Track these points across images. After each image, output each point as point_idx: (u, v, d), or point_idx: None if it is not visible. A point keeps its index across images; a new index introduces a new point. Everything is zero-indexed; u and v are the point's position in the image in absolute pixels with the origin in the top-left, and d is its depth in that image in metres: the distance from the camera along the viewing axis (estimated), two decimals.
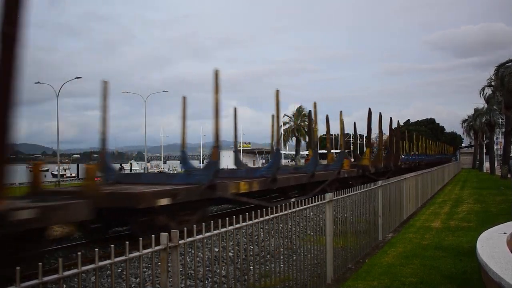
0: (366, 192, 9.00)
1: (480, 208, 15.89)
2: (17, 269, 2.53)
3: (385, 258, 8.18)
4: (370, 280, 6.78)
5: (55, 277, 2.67)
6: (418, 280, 6.74)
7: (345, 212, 7.62)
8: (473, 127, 57.70)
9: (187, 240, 3.70)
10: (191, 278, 6.47)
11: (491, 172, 44.60)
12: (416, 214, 14.16)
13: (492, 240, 6.19)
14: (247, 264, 5.24)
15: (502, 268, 4.61)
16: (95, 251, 2.96)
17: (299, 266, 5.82)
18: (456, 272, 7.12)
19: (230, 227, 4.38)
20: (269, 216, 5.12)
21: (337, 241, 7.12)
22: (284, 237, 5.65)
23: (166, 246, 3.44)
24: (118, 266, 7.54)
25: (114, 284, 3.38)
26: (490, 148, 50.22)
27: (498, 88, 33.47)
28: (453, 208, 15.96)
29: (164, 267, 3.44)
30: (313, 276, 6.25)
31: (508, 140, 35.79)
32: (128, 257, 3.19)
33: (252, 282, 4.98)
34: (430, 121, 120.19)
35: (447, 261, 7.83)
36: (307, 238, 6.28)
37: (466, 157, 69.88)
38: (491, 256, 5.15)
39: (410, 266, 7.53)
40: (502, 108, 35.75)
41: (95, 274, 3.00)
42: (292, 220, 5.81)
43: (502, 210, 14.89)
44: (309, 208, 6.21)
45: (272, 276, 5.21)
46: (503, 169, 35.03)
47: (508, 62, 31.86)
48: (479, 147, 59.12)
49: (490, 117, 47.24)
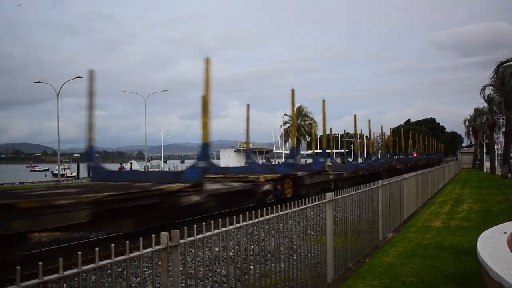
0: (367, 192, 8.99)
1: (480, 207, 15.88)
2: (17, 268, 2.53)
3: (386, 258, 8.18)
4: (370, 279, 6.78)
5: (56, 276, 2.67)
6: (418, 279, 6.73)
7: (346, 212, 7.61)
8: (473, 127, 57.69)
9: (187, 239, 3.70)
10: (192, 277, 6.48)
11: (491, 172, 44.57)
12: (416, 214, 14.16)
13: (493, 239, 6.19)
14: (248, 264, 5.23)
15: (502, 267, 4.61)
16: (95, 250, 2.96)
17: (299, 266, 5.82)
18: (456, 272, 7.12)
19: (230, 227, 4.37)
20: (270, 215, 5.12)
21: (338, 240, 7.12)
22: (284, 236, 5.65)
23: (167, 245, 3.43)
24: (118, 266, 7.54)
25: (115, 284, 3.37)
26: (491, 147, 50.16)
27: (498, 88, 33.37)
28: (453, 207, 15.95)
29: (165, 266, 3.43)
30: (314, 275, 6.25)
31: (509, 139, 35.75)
32: (129, 256, 3.18)
33: (252, 282, 4.98)
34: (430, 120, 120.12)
35: (447, 261, 7.83)
36: (308, 237, 6.28)
37: (467, 156, 69.83)
38: (491, 256, 5.15)
39: (410, 266, 7.53)
40: (503, 107, 35.67)
41: (96, 273, 2.99)
42: (293, 220, 5.81)
43: (502, 209, 14.88)
44: (310, 207, 6.20)
45: (273, 276, 5.21)
46: (504, 169, 35.00)
47: (508, 61, 31.71)
48: (480, 147, 59.08)
49: (491, 117, 47.20)
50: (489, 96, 40.27)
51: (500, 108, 39.54)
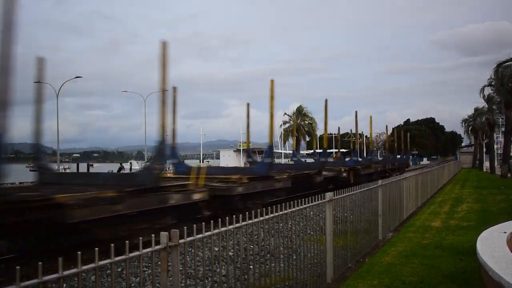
0: (366, 192, 9.00)
1: (480, 207, 15.88)
2: (17, 268, 2.53)
3: (385, 258, 8.18)
4: (370, 279, 6.78)
5: (55, 276, 2.67)
6: (418, 279, 6.73)
7: (345, 212, 7.62)
8: (473, 127, 57.68)
9: (187, 239, 3.70)
10: (191, 277, 6.47)
11: (491, 172, 44.58)
12: (416, 214, 14.16)
13: (492, 239, 6.19)
14: (247, 264, 5.23)
15: (502, 267, 4.61)
16: (95, 250, 2.96)
17: (299, 266, 5.82)
18: (456, 272, 7.12)
19: (230, 226, 4.37)
20: (269, 215, 5.12)
21: (337, 240, 7.12)
22: (284, 236, 5.65)
23: (166, 245, 3.44)
24: (118, 266, 7.53)
25: (114, 284, 3.37)
26: (490, 147, 50.17)
27: (498, 88, 33.33)
28: (453, 207, 15.95)
29: (164, 266, 3.43)
30: (313, 275, 6.25)
31: (508, 139, 35.75)
32: (128, 256, 3.18)
33: (252, 282, 4.98)
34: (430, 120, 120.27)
35: (447, 261, 7.83)
36: (307, 237, 6.28)
37: (466, 156, 69.87)
38: (491, 256, 5.15)
39: (410, 266, 7.53)
40: (502, 107, 35.68)
41: (95, 273, 2.99)
42: (292, 220, 5.81)
43: (502, 209, 14.89)
44: (309, 207, 6.21)
45: (272, 276, 5.21)
46: (503, 169, 35.01)
47: (507, 61, 31.69)
48: (479, 147, 59.08)
49: (490, 117, 47.21)
50: (488, 96, 40.29)
51: (499, 107, 39.56)
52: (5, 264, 7.93)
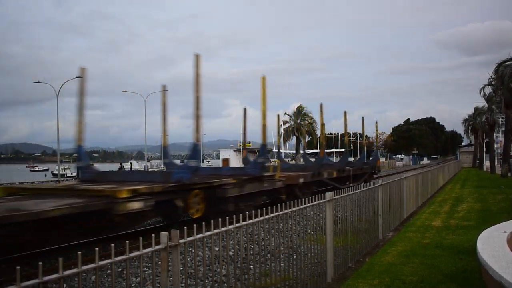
0: (367, 191, 9.00)
1: (480, 207, 15.88)
2: (17, 268, 2.53)
3: (386, 257, 8.18)
4: (370, 279, 6.78)
5: (55, 276, 2.67)
6: (418, 279, 6.73)
7: (346, 211, 7.61)
8: (473, 126, 57.67)
9: (187, 239, 3.70)
10: (192, 277, 6.48)
11: (491, 171, 44.58)
12: (416, 213, 14.16)
13: (493, 239, 6.18)
14: (247, 263, 5.23)
15: (502, 267, 4.61)
16: (95, 250, 2.96)
17: (299, 265, 5.82)
18: (456, 271, 7.12)
19: (230, 226, 4.37)
20: (269, 215, 5.12)
21: (338, 240, 7.12)
22: (284, 236, 5.65)
23: (167, 245, 3.44)
24: (118, 266, 7.54)
25: (115, 284, 3.37)
26: (490, 147, 50.17)
27: (498, 87, 33.31)
28: (453, 207, 15.95)
29: (165, 266, 3.43)
30: (314, 275, 6.25)
31: (508, 139, 35.72)
32: (129, 256, 3.18)
33: (252, 281, 4.98)
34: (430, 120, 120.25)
35: (447, 260, 7.83)
36: (308, 237, 6.28)
37: (466, 156, 69.90)
38: (491, 255, 5.14)
39: (410, 265, 7.53)
40: (502, 107, 35.65)
41: (96, 273, 2.99)
42: (292, 219, 5.81)
43: (502, 209, 14.89)
44: (309, 207, 6.21)
45: (273, 275, 5.21)
46: (503, 168, 34.99)
47: (508, 60, 31.67)
48: (479, 146, 59.08)
49: (490, 116, 47.20)
50: (489, 95, 40.26)
51: (499, 107, 39.52)
52: (5, 264, 7.95)
